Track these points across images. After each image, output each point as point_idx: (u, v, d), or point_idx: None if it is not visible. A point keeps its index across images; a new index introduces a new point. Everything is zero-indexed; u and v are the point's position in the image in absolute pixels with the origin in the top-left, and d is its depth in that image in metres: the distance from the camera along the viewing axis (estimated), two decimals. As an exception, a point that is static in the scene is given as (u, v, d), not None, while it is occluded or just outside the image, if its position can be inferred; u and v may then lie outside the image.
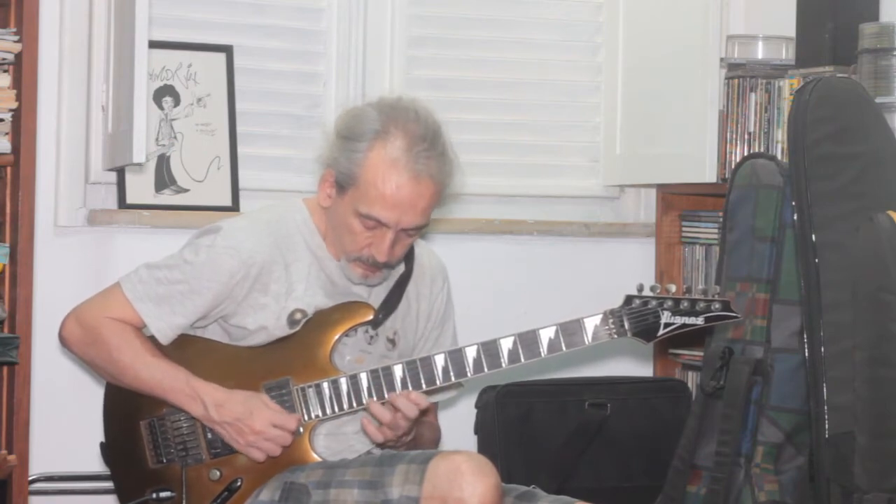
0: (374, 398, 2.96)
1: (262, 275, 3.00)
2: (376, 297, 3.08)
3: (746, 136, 4.01)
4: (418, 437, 3.08)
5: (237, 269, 2.98)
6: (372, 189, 2.92)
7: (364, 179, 2.92)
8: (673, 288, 2.95)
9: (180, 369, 2.97)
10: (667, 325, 2.94)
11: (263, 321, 3.00)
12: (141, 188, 3.88)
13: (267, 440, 2.94)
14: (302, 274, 3.03)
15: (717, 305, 2.93)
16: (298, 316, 3.01)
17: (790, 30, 4.01)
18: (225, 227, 3.04)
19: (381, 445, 3.03)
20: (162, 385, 2.97)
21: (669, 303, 2.94)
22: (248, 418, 2.93)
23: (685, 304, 2.94)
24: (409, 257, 3.11)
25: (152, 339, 3.01)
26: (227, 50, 3.99)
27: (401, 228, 2.94)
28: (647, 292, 2.95)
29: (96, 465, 3.44)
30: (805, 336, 3.37)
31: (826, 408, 3.28)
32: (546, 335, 2.95)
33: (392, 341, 3.11)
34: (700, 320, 2.94)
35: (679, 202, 4.29)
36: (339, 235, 3.00)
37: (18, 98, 3.28)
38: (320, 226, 3.06)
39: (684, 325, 2.94)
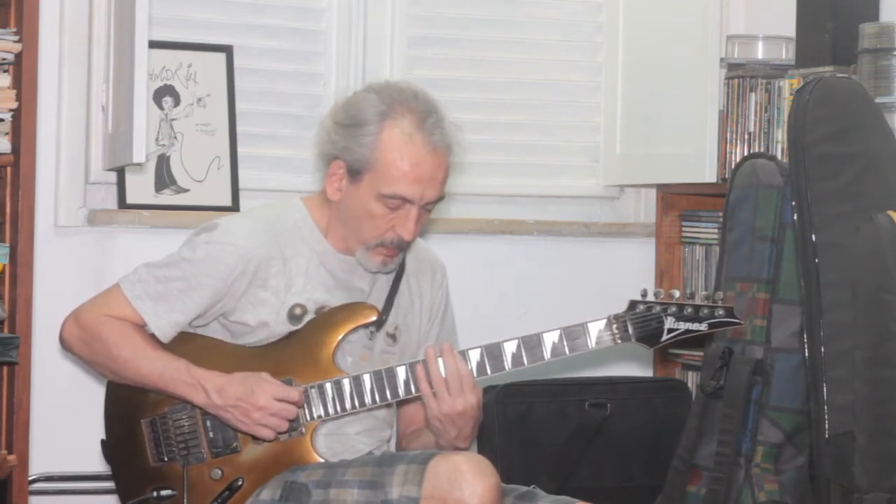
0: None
1: (259, 270, 3.00)
2: (378, 292, 3.09)
3: (746, 136, 4.01)
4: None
5: (235, 265, 2.98)
6: (393, 168, 2.92)
7: (382, 161, 2.92)
8: (676, 293, 2.94)
9: (181, 360, 2.97)
10: (670, 330, 2.94)
11: (264, 317, 3.00)
12: (141, 188, 3.88)
13: (272, 415, 2.92)
14: (301, 268, 3.03)
15: (721, 312, 2.92)
16: (298, 311, 3.01)
17: (790, 30, 4.01)
18: (222, 224, 3.04)
19: (433, 431, 3.00)
20: (163, 377, 2.96)
21: (673, 308, 2.94)
22: (250, 396, 2.92)
23: (689, 310, 2.93)
24: None
25: (152, 337, 3.01)
26: (227, 50, 3.98)
27: (423, 203, 2.95)
28: (650, 297, 2.95)
29: (96, 464, 3.44)
30: (805, 336, 3.37)
31: (826, 408, 3.28)
32: (550, 339, 2.94)
33: (392, 336, 3.11)
34: (703, 326, 2.93)
35: (679, 202, 4.29)
36: (357, 225, 2.99)
37: (18, 98, 3.28)
38: (319, 222, 3.06)
39: (688, 331, 2.94)
